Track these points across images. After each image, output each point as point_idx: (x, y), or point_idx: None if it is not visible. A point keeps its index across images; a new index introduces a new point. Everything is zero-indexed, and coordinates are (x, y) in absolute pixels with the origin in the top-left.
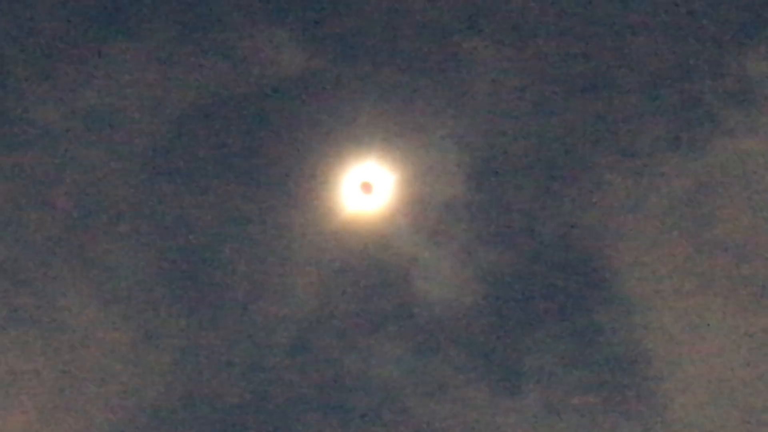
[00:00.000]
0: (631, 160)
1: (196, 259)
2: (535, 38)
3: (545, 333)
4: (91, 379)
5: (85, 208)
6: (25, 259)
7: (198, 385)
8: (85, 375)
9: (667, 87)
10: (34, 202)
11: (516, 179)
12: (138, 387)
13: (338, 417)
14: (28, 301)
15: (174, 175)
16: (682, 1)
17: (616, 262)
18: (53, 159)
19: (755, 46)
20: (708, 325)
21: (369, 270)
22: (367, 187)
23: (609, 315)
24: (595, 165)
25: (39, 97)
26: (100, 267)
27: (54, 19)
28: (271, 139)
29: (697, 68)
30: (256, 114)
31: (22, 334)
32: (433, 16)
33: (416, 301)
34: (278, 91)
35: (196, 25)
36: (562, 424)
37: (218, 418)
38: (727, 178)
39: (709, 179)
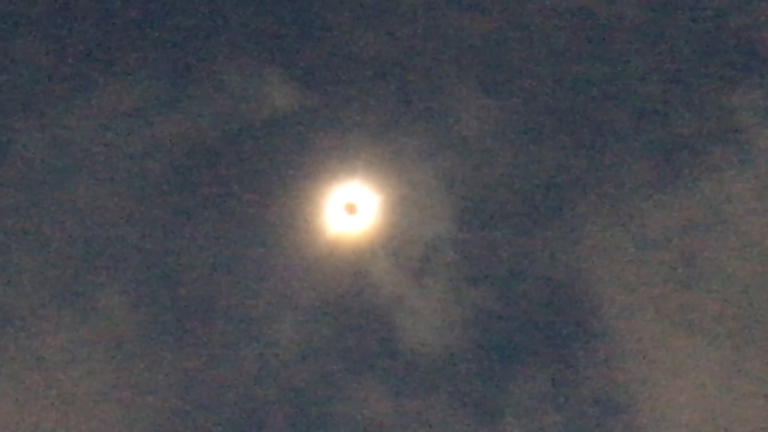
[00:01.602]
0: (616, 200)
1: (187, 297)
2: (520, 81)
3: (528, 373)
4: (82, 419)
5: (77, 247)
6: (15, 299)
7: (188, 423)
8: (77, 415)
9: (651, 126)
10: (26, 241)
11: (500, 219)
12: (127, 426)
13: None
14: (19, 340)
15: (166, 211)
16: (667, 40)
17: (599, 303)
18: (45, 198)
19: (740, 85)
20: (691, 366)
21: (353, 308)
22: (351, 209)
23: (592, 356)
24: (579, 205)
25: (31, 137)
26: (91, 306)
27: (46, 57)
28: (264, 175)
29: (681, 107)
30: (249, 151)
31: (13, 374)
32: (423, 58)
33: (399, 340)
34: (271, 129)
35: (190, 64)
36: None
37: None
38: (712, 217)
39: (693, 218)
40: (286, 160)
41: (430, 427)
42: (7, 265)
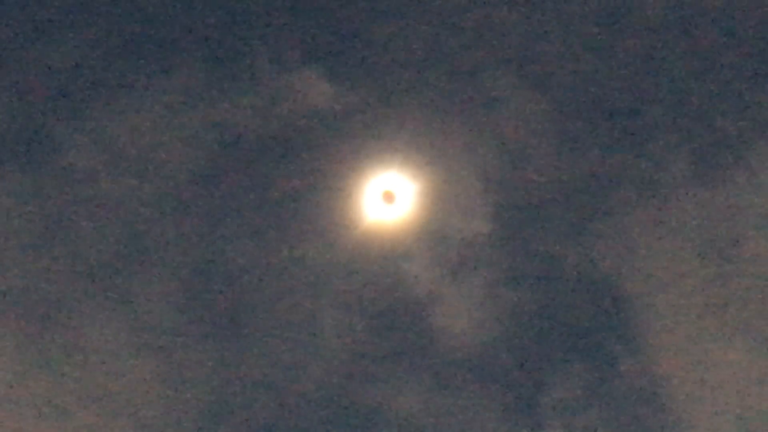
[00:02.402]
0: (653, 196)
1: (224, 291)
2: (560, 79)
3: (565, 368)
4: (119, 413)
5: (115, 242)
6: (54, 294)
7: (224, 418)
8: (114, 408)
9: (689, 123)
10: (65, 237)
11: (537, 216)
12: (164, 421)
13: None
14: (59, 334)
15: (203, 206)
16: (706, 38)
17: (637, 300)
18: (83, 194)
19: None
20: (729, 363)
21: (389, 302)
22: (389, 197)
23: (629, 351)
24: (617, 203)
25: (69, 134)
26: (129, 302)
27: (84, 57)
28: (301, 169)
29: (720, 104)
30: (286, 147)
31: (50, 367)
32: (463, 56)
33: (436, 335)
34: (308, 125)
35: (229, 61)
36: None
37: None
38: (750, 213)
39: (731, 214)
40: (323, 155)
41: (466, 422)
42: (46, 260)
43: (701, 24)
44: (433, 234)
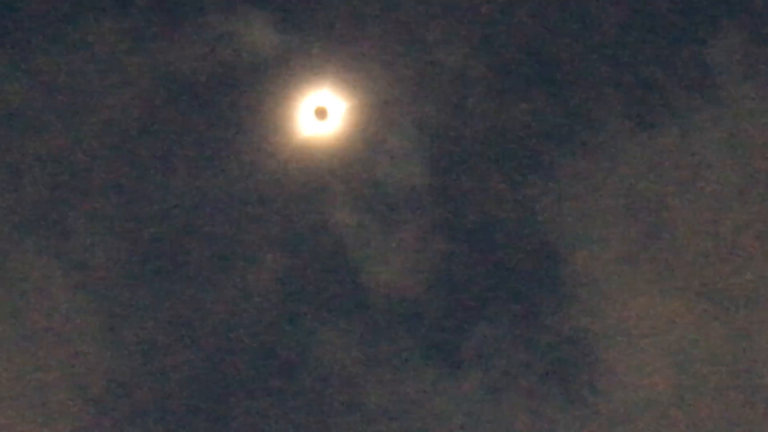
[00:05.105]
0: (586, 148)
1: (165, 235)
2: (496, 29)
3: (493, 319)
4: (54, 351)
5: (56, 185)
6: None
7: (163, 362)
8: (48, 346)
9: (624, 74)
10: (4, 180)
11: (473, 166)
12: (106, 365)
13: (284, 398)
14: None
15: (145, 152)
16: None
17: (569, 251)
18: (24, 136)
19: (714, 36)
20: (659, 314)
21: (322, 247)
22: (321, 113)
23: (558, 304)
24: (552, 154)
25: (10, 74)
26: (70, 244)
27: None
28: (244, 116)
29: (655, 56)
30: (230, 94)
31: None
32: (403, 4)
33: (365, 280)
34: (251, 69)
35: (173, 6)
36: (503, 405)
37: (180, 395)
38: (682, 166)
39: (663, 167)
40: (265, 96)
41: (393, 367)
42: None
43: None
44: (367, 181)
